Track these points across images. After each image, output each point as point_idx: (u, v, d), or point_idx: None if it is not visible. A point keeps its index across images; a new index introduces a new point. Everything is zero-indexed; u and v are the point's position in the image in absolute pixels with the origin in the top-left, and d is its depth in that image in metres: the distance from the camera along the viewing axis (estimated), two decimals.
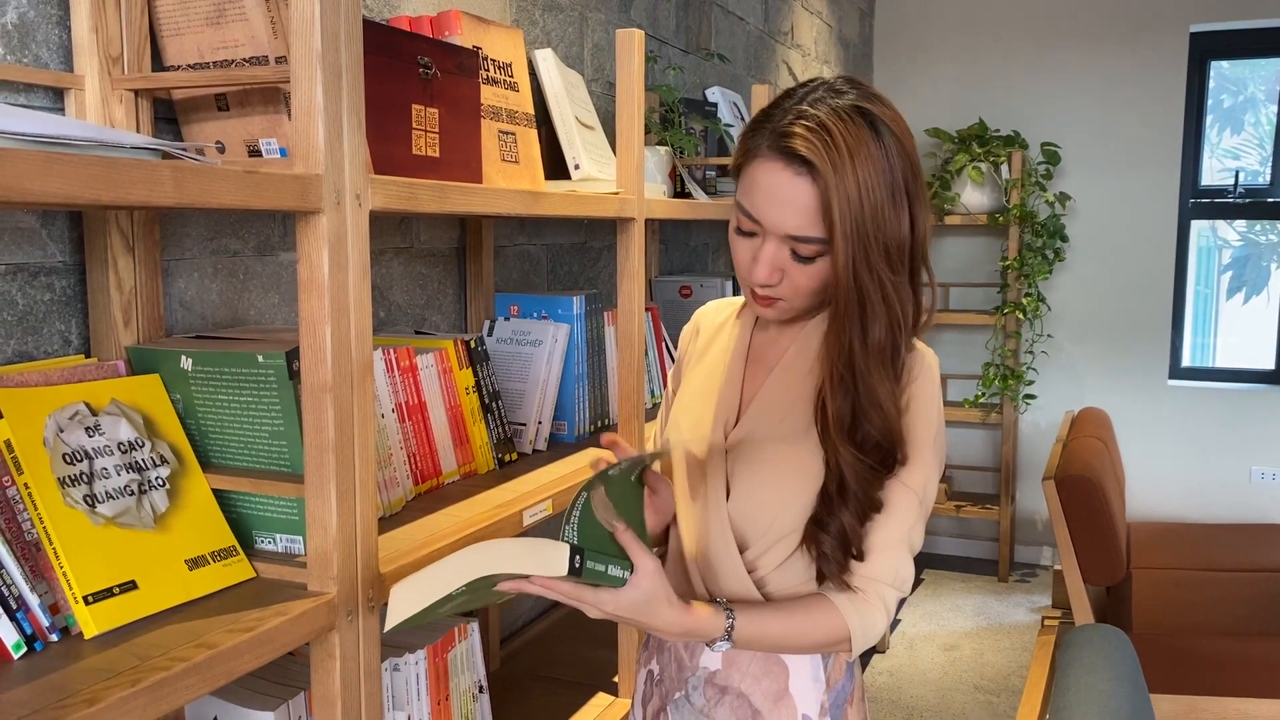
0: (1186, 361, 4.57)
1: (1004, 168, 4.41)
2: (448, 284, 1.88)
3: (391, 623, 1.01)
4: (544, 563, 1.00)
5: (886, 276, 1.10)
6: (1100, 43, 4.47)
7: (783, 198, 1.09)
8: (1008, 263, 4.48)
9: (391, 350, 1.42)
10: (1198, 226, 4.53)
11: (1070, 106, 4.52)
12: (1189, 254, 4.50)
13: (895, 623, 4.03)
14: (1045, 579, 4.59)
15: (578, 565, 1.00)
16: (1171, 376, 4.51)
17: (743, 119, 2.78)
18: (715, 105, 2.64)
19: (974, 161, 4.37)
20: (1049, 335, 4.61)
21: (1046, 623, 3.21)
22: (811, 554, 1.18)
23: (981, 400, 4.59)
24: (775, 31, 3.57)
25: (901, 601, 1.27)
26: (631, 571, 1.06)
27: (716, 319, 1.37)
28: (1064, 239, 4.50)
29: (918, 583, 4.55)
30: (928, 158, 4.61)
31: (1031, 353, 4.61)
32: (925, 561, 4.78)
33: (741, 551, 1.20)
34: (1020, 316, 4.49)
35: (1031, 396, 4.62)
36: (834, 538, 1.15)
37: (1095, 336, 4.59)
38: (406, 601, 1.00)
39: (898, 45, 4.82)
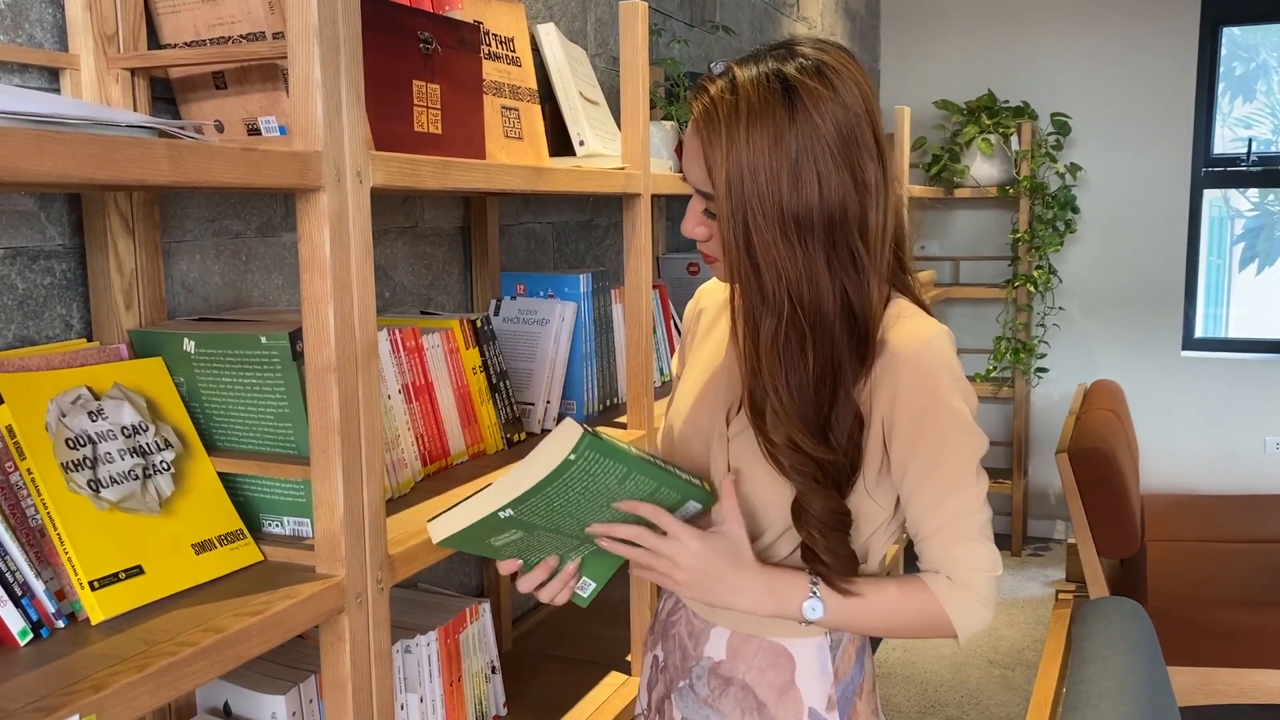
0: (1199, 332, 4.53)
1: (1014, 139, 4.37)
2: (453, 263, 1.87)
3: (437, 535, 1.05)
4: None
5: (780, 247, 1.03)
6: (1110, 11, 4.41)
7: (687, 151, 1.10)
8: (1018, 235, 4.45)
9: (397, 330, 1.41)
10: (1210, 196, 4.48)
11: (1080, 76, 4.47)
12: (1201, 224, 4.46)
13: None
14: (1059, 553, 4.57)
15: (659, 463, 1.04)
16: (1184, 348, 4.48)
17: None
18: None
19: (983, 133, 4.33)
20: (1060, 308, 4.58)
21: (1061, 596, 3.19)
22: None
23: (993, 374, 4.57)
24: (780, 4, 3.53)
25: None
26: (713, 497, 1.11)
27: (719, 297, 1.32)
28: (1075, 210, 4.46)
29: None
30: (936, 129, 4.57)
31: (1043, 325, 4.58)
32: None
33: (752, 541, 1.16)
34: (1031, 289, 4.46)
35: (1043, 370, 4.60)
36: (828, 563, 1.11)
37: (1107, 308, 4.56)
38: (450, 519, 1.04)
39: (905, 16, 4.77)
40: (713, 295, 1.34)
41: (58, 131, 0.76)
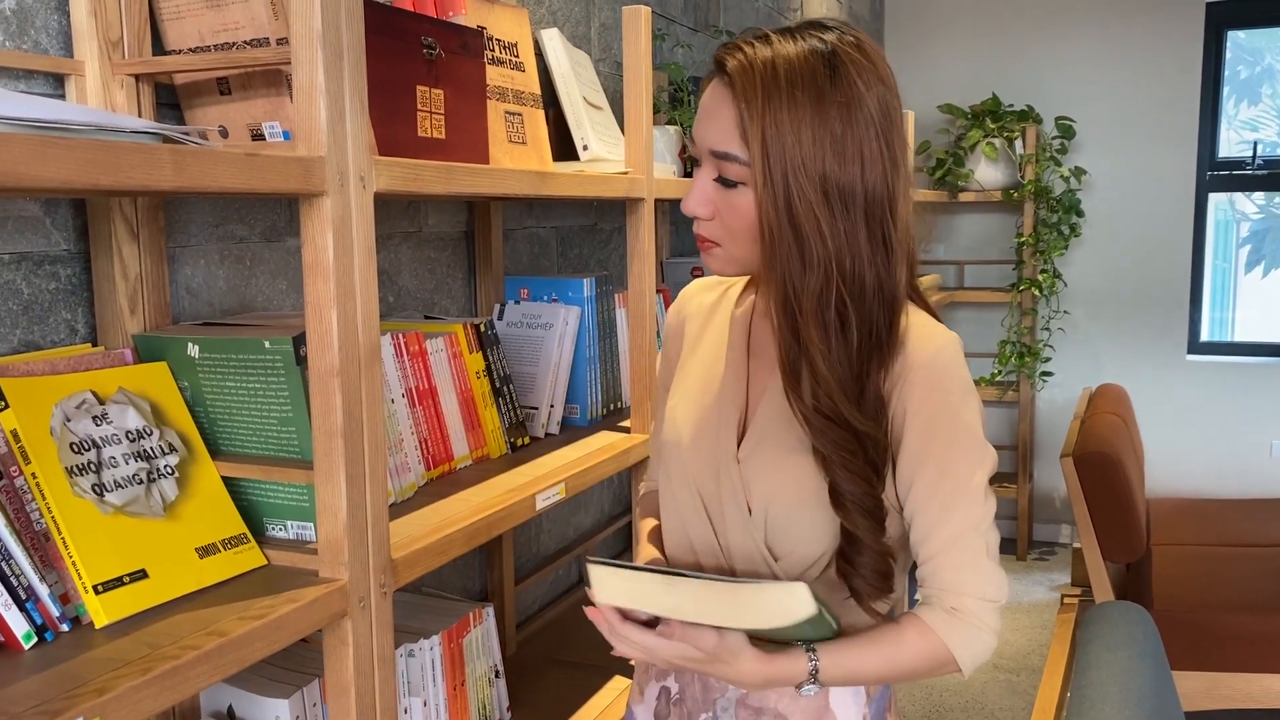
0: (1205, 336, 4.52)
1: (1018, 143, 4.36)
2: (457, 268, 1.87)
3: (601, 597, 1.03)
4: (779, 609, 0.96)
5: (822, 213, 0.99)
6: (1115, 14, 4.41)
7: (707, 109, 1.04)
8: (1023, 239, 4.44)
9: (400, 335, 1.41)
10: (1215, 199, 4.48)
11: (1085, 80, 4.47)
12: (1206, 227, 4.45)
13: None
14: (1064, 557, 4.56)
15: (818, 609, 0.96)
16: (1190, 351, 4.47)
17: None
18: None
19: (987, 137, 4.33)
20: (1065, 312, 4.57)
21: (1066, 601, 3.19)
22: (846, 588, 1.08)
23: (998, 378, 4.56)
24: (784, 8, 3.53)
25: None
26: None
27: (705, 300, 1.25)
28: (1080, 214, 4.45)
29: None
30: (940, 134, 4.57)
31: (1048, 329, 4.58)
32: None
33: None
34: (1036, 293, 4.45)
35: (1048, 374, 4.59)
36: (863, 573, 1.06)
37: (1112, 312, 4.55)
38: (613, 587, 1.02)
39: (909, 20, 4.77)
40: (697, 300, 1.26)
41: (62, 137, 0.76)
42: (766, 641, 1.03)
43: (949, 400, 1.05)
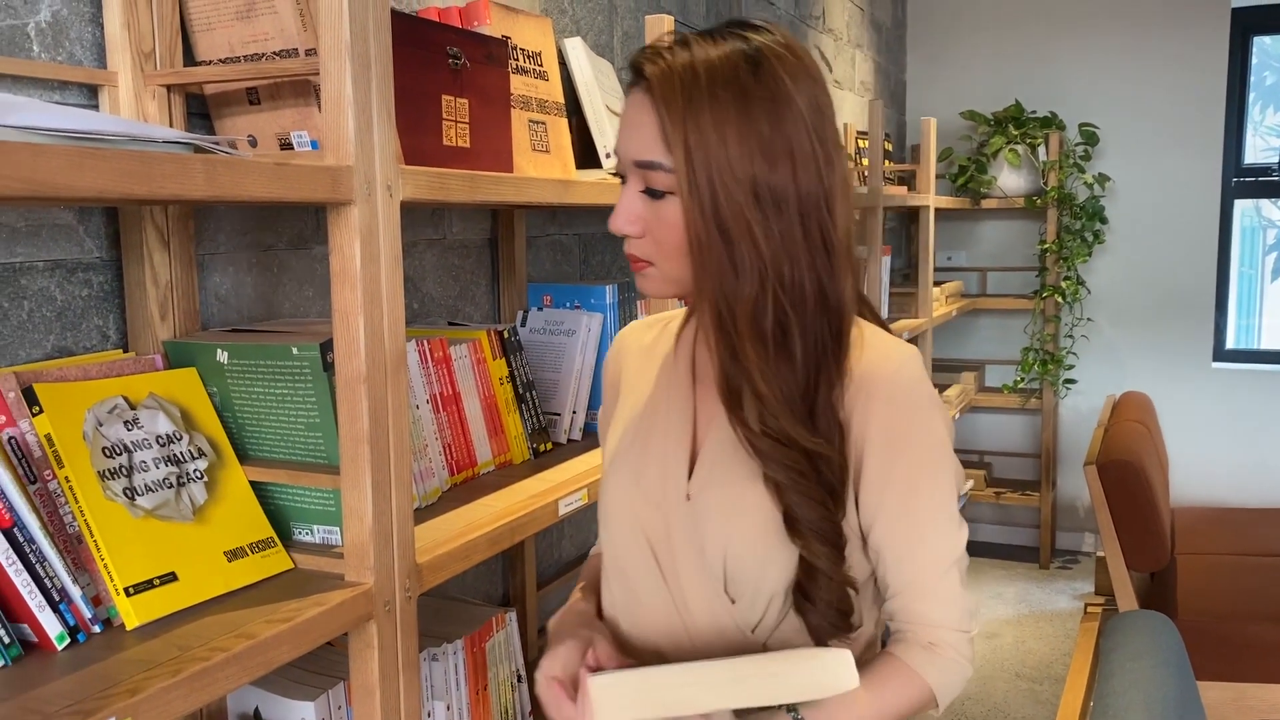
0: (1231, 344, 4.48)
1: (1041, 149, 4.35)
2: (480, 275, 1.88)
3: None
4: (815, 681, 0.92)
5: (753, 216, 0.93)
6: (1139, 20, 4.39)
7: (628, 119, 0.98)
8: (1046, 246, 4.43)
9: (425, 341, 1.42)
10: (1241, 206, 4.44)
11: (1108, 86, 4.45)
12: (1232, 234, 4.42)
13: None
14: (1087, 566, 4.53)
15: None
16: (1216, 359, 4.44)
17: None
18: None
19: (1010, 144, 4.32)
20: (1089, 319, 4.55)
21: (1089, 610, 3.17)
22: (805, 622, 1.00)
23: (1021, 385, 4.54)
24: (806, 16, 3.54)
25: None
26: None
27: (643, 339, 1.17)
28: (1103, 221, 4.43)
29: None
30: (963, 140, 4.56)
31: (1071, 337, 4.55)
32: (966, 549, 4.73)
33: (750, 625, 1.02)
34: (1059, 300, 4.43)
35: (1072, 381, 4.57)
36: (822, 608, 0.97)
37: (1137, 319, 4.52)
38: (618, 707, 0.92)
39: (931, 27, 4.76)
40: (634, 340, 1.19)
41: (98, 148, 0.78)
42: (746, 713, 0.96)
43: (914, 419, 0.99)
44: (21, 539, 0.90)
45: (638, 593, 1.05)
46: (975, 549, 4.76)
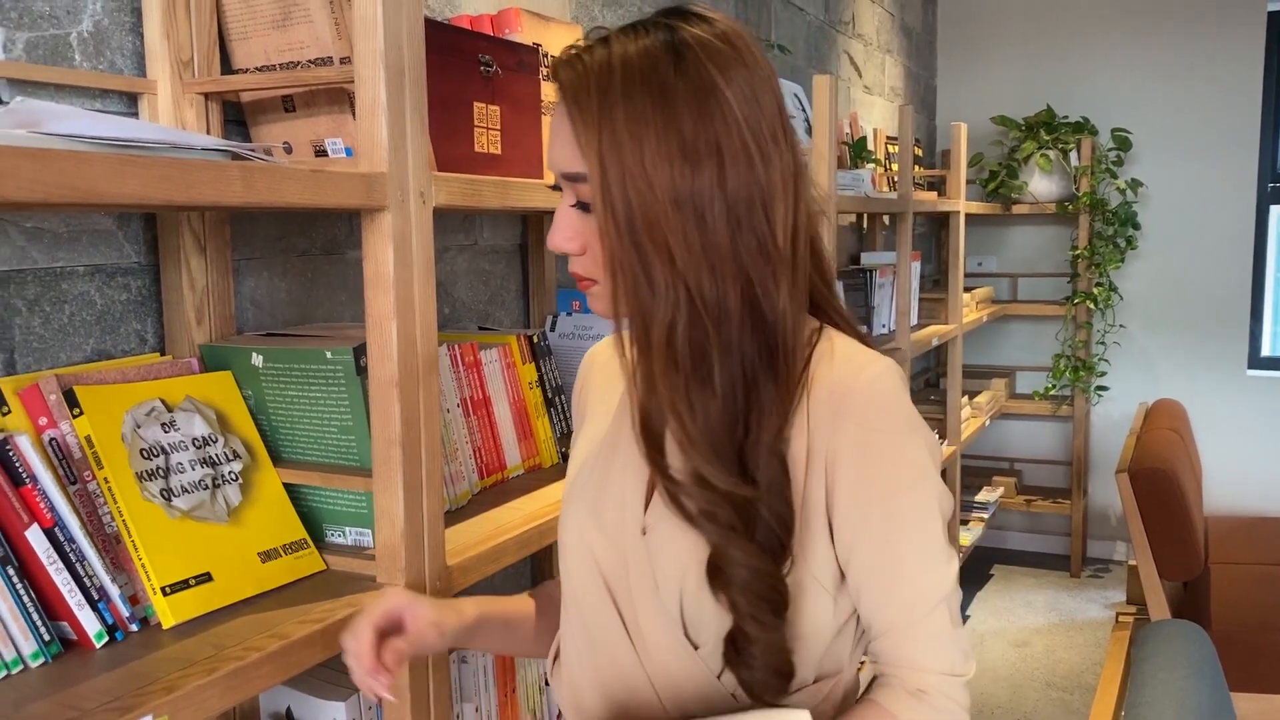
0: (1266, 351, 4.43)
1: (1073, 155, 4.32)
2: (510, 280, 1.90)
3: None
4: None
5: (671, 226, 0.82)
6: (1173, 24, 4.35)
7: (553, 130, 0.89)
8: (1078, 252, 4.39)
9: (456, 346, 1.44)
10: (1277, 211, 4.39)
11: (1142, 91, 4.41)
12: (1268, 240, 4.36)
13: (964, 618, 3.98)
14: (1119, 574, 4.49)
15: None
16: (1251, 366, 4.38)
17: (804, 110, 2.76)
18: None
19: (1042, 149, 4.29)
20: (1121, 325, 4.51)
21: (1121, 619, 3.14)
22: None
23: (1052, 392, 4.51)
24: (836, 21, 3.53)
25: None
26: None
27: (610, 359, 1.06)
28: (1136, 227, 4.39)
29: (986, 578, 4.48)
30: (994, 145, 4.53)
31: (1103, 343, 4.51)
32: (995, 557, 4.70)
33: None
34: (1091, 306, 4.40)
35: (1104, 388, 4.53)
36: (754, 665, 0.86)
37: (1170, 326, 4.48)
38: None
39: (962, 32, 4.74)
40: (601, 360, 1.09)
41: (139, 156, 0.79)
42: None
43: (889, 440, 0.87)
44: (62, 538, 0.92)
45: (596, 639, 0.95)
46: (1005, 557, 4.73)
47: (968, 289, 3.90)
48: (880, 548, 0.87)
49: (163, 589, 0.97)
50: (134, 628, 0.97)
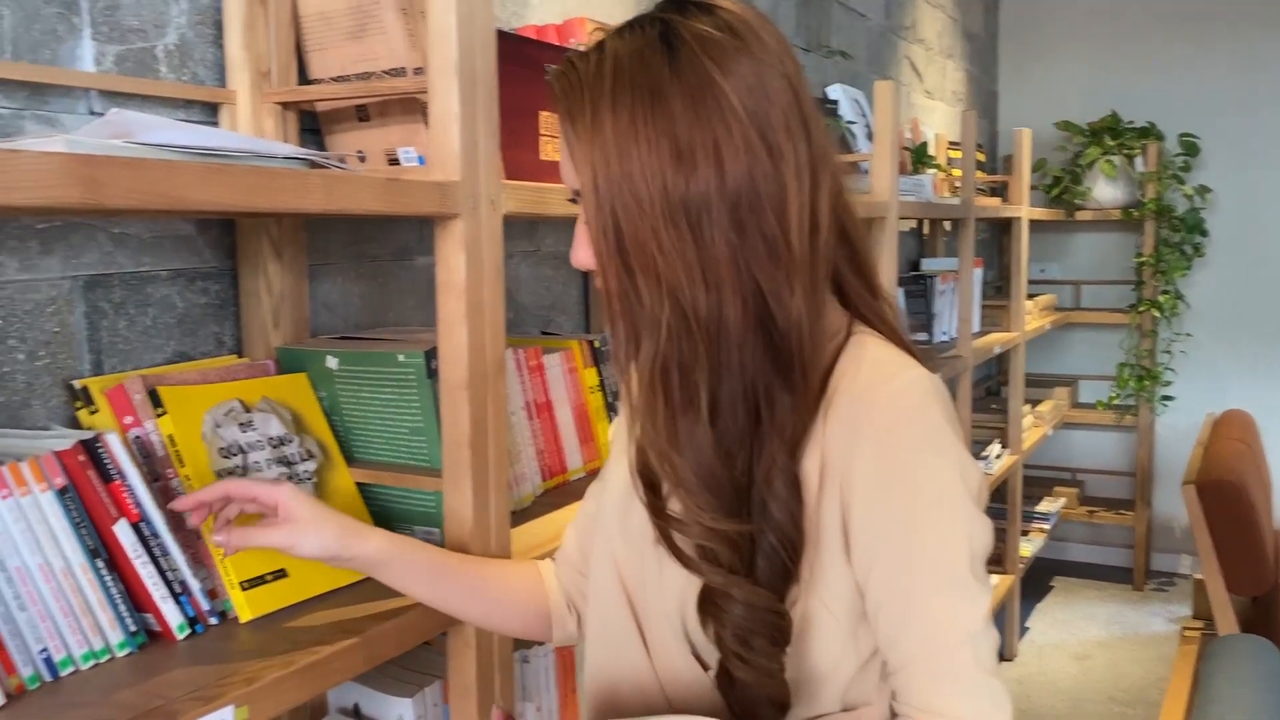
0: None
1: (1138, 160, 4.25)
2: (572, 286, 1.92)
3: None
4: None
5: (667, 236, 0.76)
6: (1240, 27, 4.26)
7: (561, 149, 0.85)
8: (1143, 259, 4.32)
9: (521, 350, 1.46)
10: None
11: (1209, 96, 4.32)
12: None
13: (1024, 630, 3.93)
14: (1184, 588, 4.39)
15: None
16: None
17: (865, 116, 2.75)
18: (836, 103, 2.62)
19: (1106, 155, 4.22)
20: (1188, 334, 4.42)
21: (1187, 634, 3.07)
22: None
23: (1116, 402, 4.43)
24: (897, 26, 3.52)
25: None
26: None
27: None
28: (1204, 233, 4.30)
29: (1047, 590, 4.42)
30: (1057, 151, 4.47)
31: (1169, 352, 4.43)
32: (1056, 568, 4.63)
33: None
34: (1157, 314, 4.32)
35: (1169, 398, 4.44)
36: (749, 697, 0.81)
37: (1238, 335, 4.38)
38: None
39: (1024, 36, 4.69)
40: None
41: (225, 164, 0.83)
42: None
43: (912, 458, 0.78)
44: (147, 533, 0.95)
45: (613, 645, 0.92)
46: (1065, 568, 4.65)
47: (1030, 296, 3.85)
48: (895, 575, 0.79)
49: (241, 584, 1.01)
50: (213, 621, 1.00)
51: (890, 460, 0.79)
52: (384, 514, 1.19)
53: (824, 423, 0.80)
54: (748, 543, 0.79)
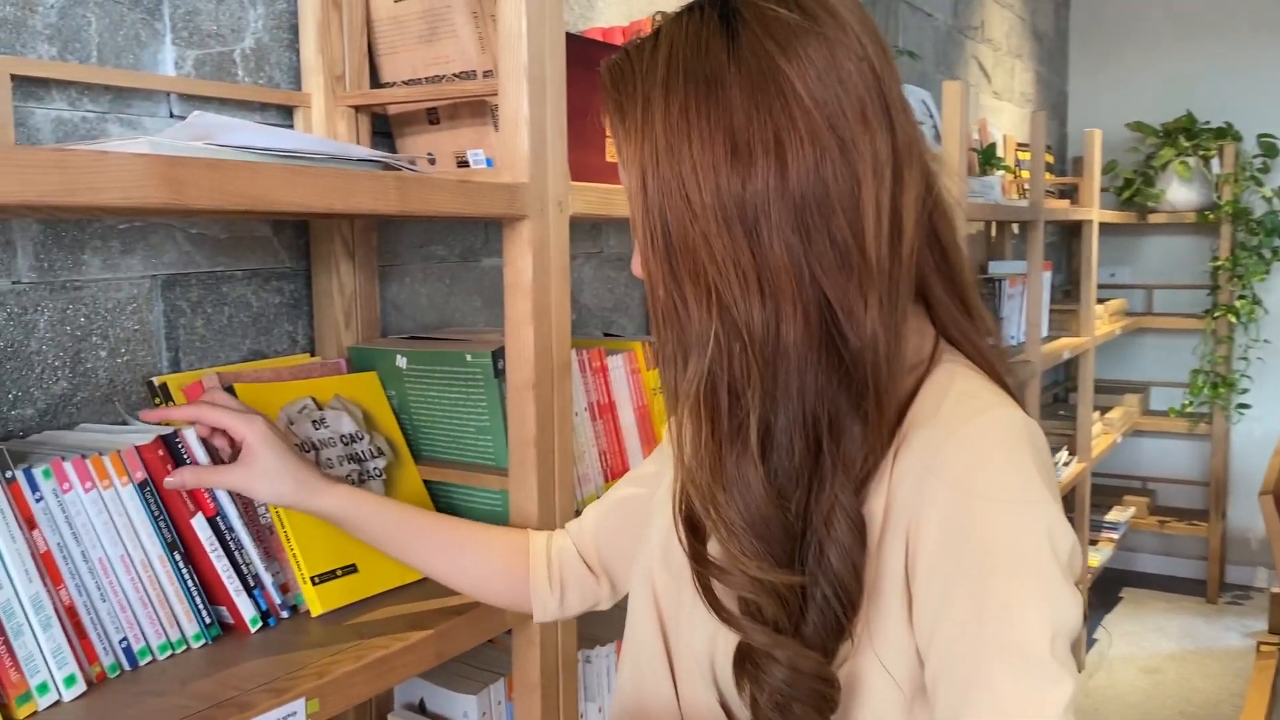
0: None
1: (1214, 162, 4.14)
2: (634, 288, 1.92)
3: None
4: None
5: (720, 244, 0.68)
6: None
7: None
8: (1219, 263, 4.21)
9: (584, 351, 1.46)
10: None
11: None
12: None
13: (1091, 642, 3.85)
14: (1260, 602, 4.27)
15: None
16: None
17: (932, 117, 2.72)
18: None
19: (1181, 156, 4.12)
20: (1265, 340, 4.29)
21: (1263, 649, 2.99)
22: None
23: (1189, 409, 4.32)
24: (965, 26, 3.47)
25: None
26: None
27: None
28: None
29: (1115, 601, 4.32)
30: (1129, 152, 4.38)
31: (1245, 359, 4.31)
32: (1125, 579, 4.53)
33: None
34: (1233, 320, 4.20)
35: (1245, 406, 4.31)
36: None
37: None
38: None
39: (1095, 36, 4.60)
40: None
41: (305, 166, 0.84)
42: None
43: (992, 509, 0.67)
44: (223, 527, 0.97)
45: (645, 681, 0.85)
46: (1136, 579, 4.55)
47: (1100, 300, 3.77)
48: (958, 643, 0.66)
49: (312, 578, 1.02)
50: (284, 614, 1.02)
51: (966, 509, 0.67)
52: (450, 512, 1.20)
53: (893, 459, 0.71)
54: (797, 596, 0.70)
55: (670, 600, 0.83)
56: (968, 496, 0.67)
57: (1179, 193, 4.19)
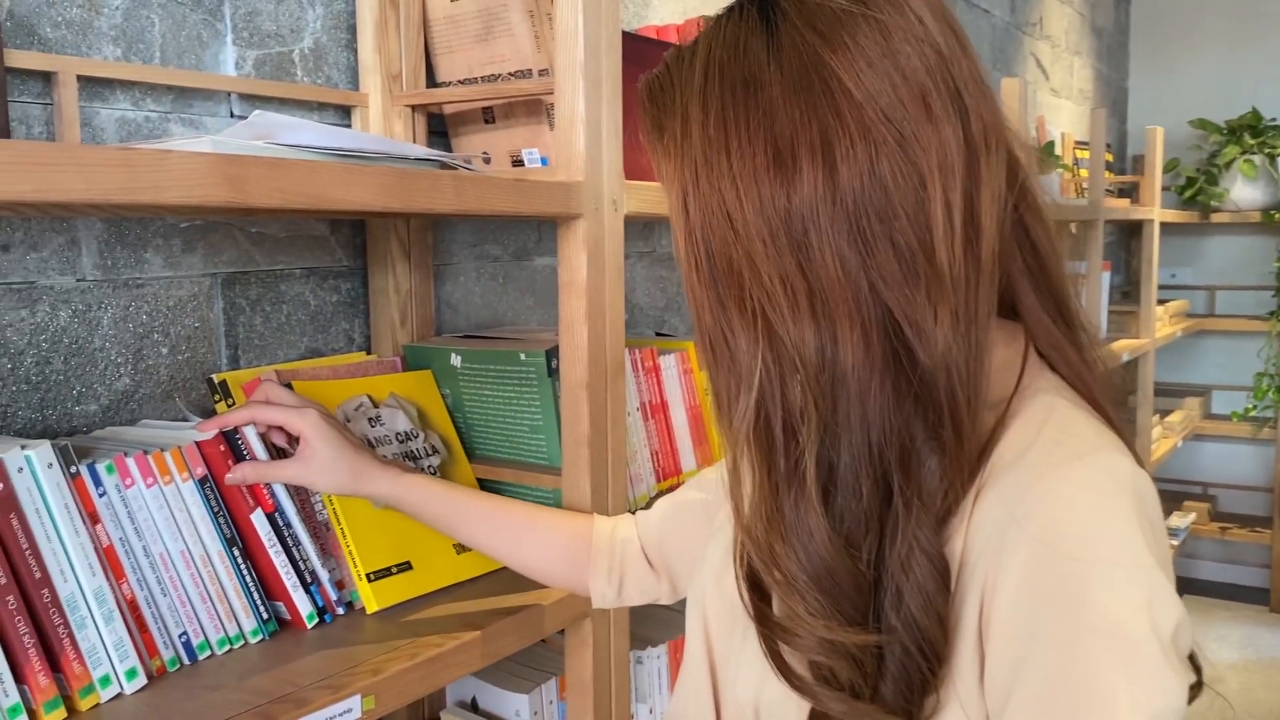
0: None
1: None
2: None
3: None
4: None
5: (752, 258, 0.62)
6: None
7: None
8: None
9: (637, 351, 1.46)
10: None
11: None
12: None
13: None
14: None
15: None
16: None
17: None
18: None
19: (1246, 154, 4.02)
20: None
21: None
22: None
23: (1252, 414, 4.22)
24: (1022, 23, 3.42)
25: None
26: None
27: None
28: None
29: None
30: (1191, 150, 4.28)
31: None
32: (1184, 586, 4.42)
33: None
34: None
35: None
36: None
37: None
38: None
39: (1157, 32, 4.50)
40: None
41: (363, 165, 0.84)
42: None
43: (1088, 573, 0.57)
44: (281, 523, 0.98)
45: (690, 710, 0.80)
46: (1195, 587, 4.45)
47: (1161, 302, 3.69)
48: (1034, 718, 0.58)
49: (368, 575, 1.03)
50: (340, 611, 1.02)
51: (1050, 568, 0.58)
52: None
53: (974, 500, 0.62)
54: (873, 656, 0.62)
55: (720, 633, 0.77)
56: (1053, 554, 0.58)
57: (1243, 191, 4.09)
